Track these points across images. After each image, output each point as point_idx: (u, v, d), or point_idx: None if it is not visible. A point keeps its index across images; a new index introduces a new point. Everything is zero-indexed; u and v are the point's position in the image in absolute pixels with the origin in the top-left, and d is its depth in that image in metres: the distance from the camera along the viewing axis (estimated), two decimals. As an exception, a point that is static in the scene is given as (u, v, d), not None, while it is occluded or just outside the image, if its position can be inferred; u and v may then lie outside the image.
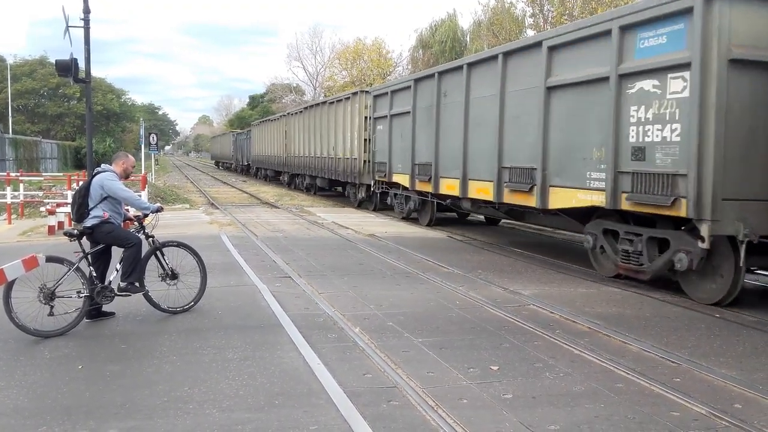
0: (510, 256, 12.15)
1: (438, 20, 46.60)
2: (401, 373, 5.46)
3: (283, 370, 5.53)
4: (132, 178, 17.47)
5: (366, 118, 20.65)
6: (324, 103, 26.49)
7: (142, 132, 38.84)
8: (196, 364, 5.65)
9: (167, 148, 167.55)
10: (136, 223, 7.50)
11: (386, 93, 18.37)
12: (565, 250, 13.33)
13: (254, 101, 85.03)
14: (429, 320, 7.25)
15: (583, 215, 10.52)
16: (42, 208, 17.18)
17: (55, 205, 15.47)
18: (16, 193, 18.18)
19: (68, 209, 12.44)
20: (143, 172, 26.17)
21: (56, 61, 15.62)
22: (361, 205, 22.53)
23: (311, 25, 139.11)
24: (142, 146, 37.24)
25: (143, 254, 7.22)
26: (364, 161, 20.86)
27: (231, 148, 60.41)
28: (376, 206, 20.96)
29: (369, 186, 20.71)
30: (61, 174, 29.44)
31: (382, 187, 19.29)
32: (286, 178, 34.88)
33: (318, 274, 9.82)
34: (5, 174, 20.56)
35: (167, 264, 7.46)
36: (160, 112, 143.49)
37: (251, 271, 9.89)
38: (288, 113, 34.04)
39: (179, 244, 7.68)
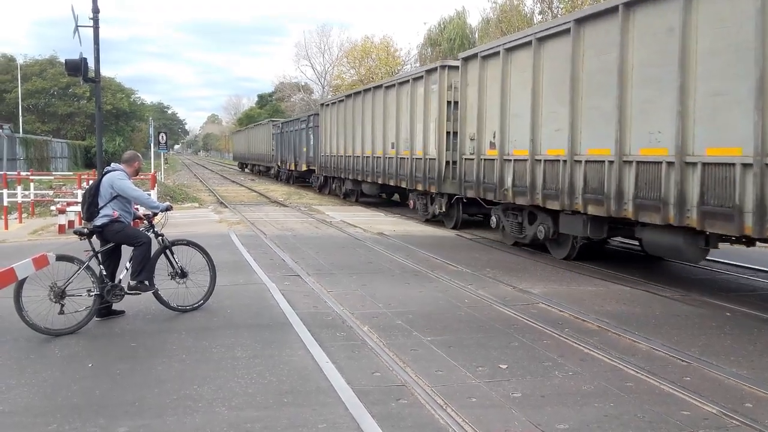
0: (519, 255, 12.12)
1: (446, 18, 46.52)
2: (410, 372, 5.46)
3: (292, 368, 5.54)
4: (141, 176, 17.58)
5: None
6: None
7: (151, 131, 38.95)
8: (206, 363, 5.67)
9: (176, 147, 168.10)
10: (145, 221, 7.53)
11: None
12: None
13: (263, 100, 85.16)
14: (438, 319, 7.24)
15: None
16: (52, 207, 17.27)
17: (65, 204, 15.55)
18: (26, 192, 18.28)
19: (78, 208, 12.52)
20: (153, 171, 26.27)
21: (66, 60, 15.67)
22: None
23: (319, 23, 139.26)
24: (152, 145, 37.35)
25: (153, 253, 7.25)
26: None
27: (271, 145, 41.54)
28: None
29: None
30: (72, 173, 29.60)
31: None
32: (440, 207, 16.33)
33: (327, 273, 9.83)
34: (16, 173, 20.68)
35: (177, 262, 7.49)
36: (170, 112, 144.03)
37: (260, 270, 9.91)
38: (469, 55, 14.39)
39: (188, 243, 7.71)
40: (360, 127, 22.07)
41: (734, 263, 10.57)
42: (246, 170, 58.51)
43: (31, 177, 19.42)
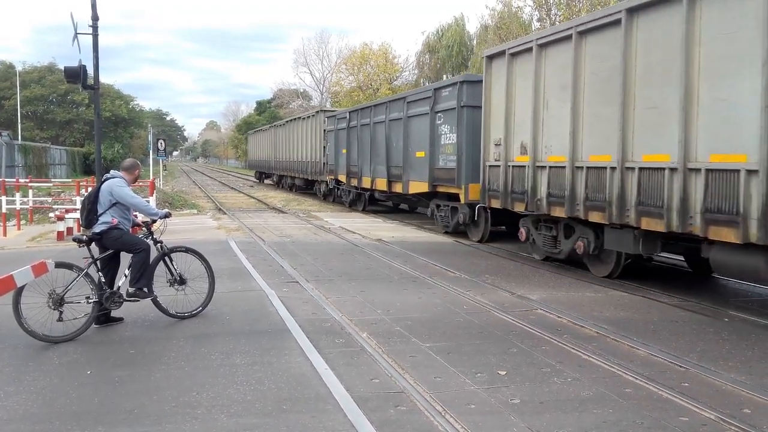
0: (517, 261, 12.13)
1: (445, 25, 46.62)
2: (409, 378, 5.46)
3: (291, 375, 5.54)
4: (140, 183, 17.59)
5: None
6: None
7: (150, 138, 38.94)
8: (204, 370, 5.67)
9: (175, 153, 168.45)
10: (144, 228, 7.53)
11: None
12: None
13: (261, 107, 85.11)
14: (436, 325, 7.25)
15: None
16: (51, 214, 17.28)
17: (64, 211, 15.56)
18: (25, 199, 18.28)
19: (77, 215, 12.52)
20: (151, 177, 26.28)
21: (65, 68, 15.72)
22: None
23: (318, 30, 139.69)
24: (151, 152, 37.37)
25: (152, 260, 7.26)
26: None
27: (317, 149, 28.43)
28: None
29: None
30: (70, 180, 29.60)
31: None
32: None
33: (325, 279, 9.83)
34: (14, 180, 20.69)
35: (175, 269, 7.49)
36: (168, 118, 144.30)
37: (259, 276, 9.91)
38: None
39: (187, 250, 7.72)
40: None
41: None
42: (267, 182, 45.60)
43: (29, 184, 19.43)
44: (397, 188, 18.83)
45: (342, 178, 24.47)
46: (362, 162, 21.98)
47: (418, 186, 17.23)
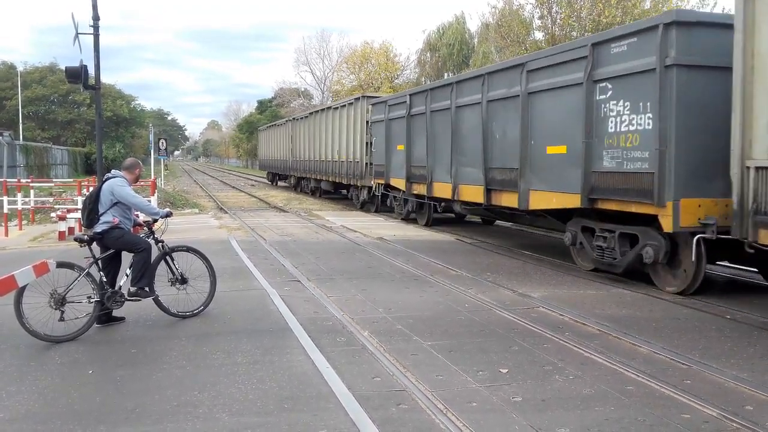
0: (519, 259, 12.12)
1: (446, 23, 46.61)
2: (410, 377, 5.46)
3: (292, 374, 5.54)
4: (141, 183, 17.60)
5: None
6: None
7: (151, 137, 38.94)
8: (206, 369, 5.67)
9: (176, 153, 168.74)
10: (145, 228, 7.53)
11: None
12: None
13: (262, 106, 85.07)
14: (438, 323, 7.24)
15: None
16: (52, 214, 17.30)
17: (65, 210, 15.56)
18: (26, 199, 18.29)
19: (79, 215, 12.53)
20: (153, 177, 26.29)
21: (66, 68, 15.72)
22: None
23: (319, 29, 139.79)
24: (152, 152, 37.38)
25: (153, 259, 7.26)
26: None
27: (356, 146, 22.97)
28: None
29: None
30: (72, 180, 29.63)
31: None
32: None
33: (327, 278, 9.83)
34: (16, 180, 20.70)
35: (177, 269, 7.49)
36: (169, 118, 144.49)
37: (260, 275, 9.91)
38: None
39: (188, 249, 7.72)
40: None
41: (734, 266, 10.55)
42: (281, 184, 40.94)
43: (31, 184, 19.43)
44: (506, 200, 12.47)
45: (397, 183, 18.54)
46: (434, 162, 15.87)
47: (555, 199, 10.85)
